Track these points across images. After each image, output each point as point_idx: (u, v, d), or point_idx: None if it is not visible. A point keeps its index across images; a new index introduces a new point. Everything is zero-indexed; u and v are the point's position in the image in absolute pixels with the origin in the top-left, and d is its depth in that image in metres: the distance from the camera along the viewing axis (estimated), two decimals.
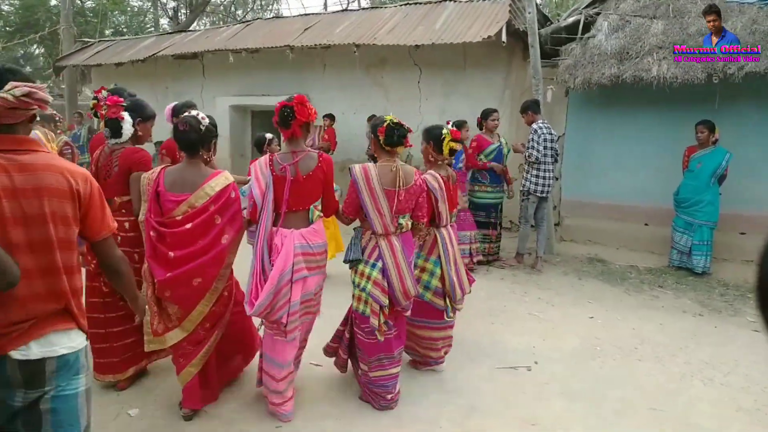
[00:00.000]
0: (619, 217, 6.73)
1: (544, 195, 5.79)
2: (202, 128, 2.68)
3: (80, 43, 12.69)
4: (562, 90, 6.69)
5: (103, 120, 3.52)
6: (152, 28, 20.64)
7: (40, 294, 1.63)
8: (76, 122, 9.74)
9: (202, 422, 2.89)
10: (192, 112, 2.76)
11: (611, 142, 6.73)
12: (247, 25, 9.97)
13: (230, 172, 2.88)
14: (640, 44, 6.07)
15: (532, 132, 5.66)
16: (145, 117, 3.17)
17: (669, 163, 6.21)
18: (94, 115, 3.57)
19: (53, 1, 17.72)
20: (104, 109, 3.04)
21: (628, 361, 3.80)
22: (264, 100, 9.09)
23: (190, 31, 12.32)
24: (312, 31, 8.45)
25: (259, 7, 21.67)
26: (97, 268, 2.91)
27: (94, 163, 3.14)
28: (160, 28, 20.48)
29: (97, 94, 3.48)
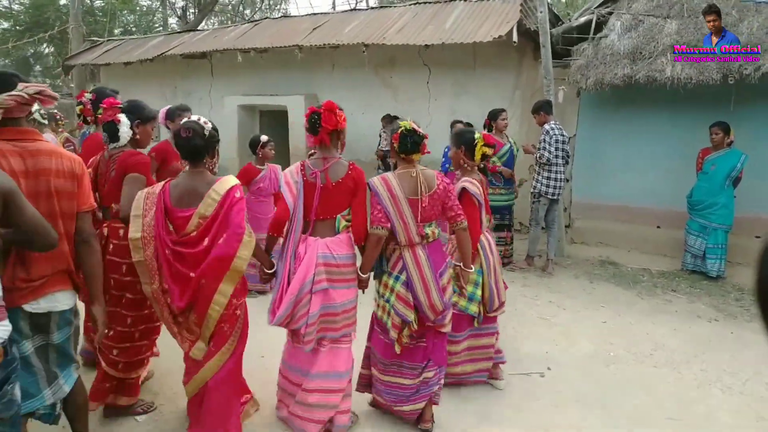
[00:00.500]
0: (630, 220, 6.63)
1: (556, 197, 5.71)
2: (206, 133, 2.53)
3: (89, 42, 12.72)
4: (573, 90, 6.61)
5: (92, 123, 3.44)
6: (161, 28, 20.70)
7: (49, 256, 2.02)
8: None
9: None
10: (193, 117, 2.61)
11: (623, 144, 6.64)
12: (256, 25, 9.94)
13: (238, 173, 2.80)
14: (654, 44, 5.97)
15: (544, 133, 5.58)
16: (144, 119, 2.95)
17: (682, 164, 6.11)
18: (83, 121, 3.42)
19: (63, 1, 17.79)
20: (99, 112, 2.90)
21: (643, 367, 3.73)
22: (272, 100, 9.05)
23: (198, 30, 12.32)
24: (321, 31, 8.40)
25: (267, 6, 21.64)
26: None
27: (93, 170, 2.91)
28: (169, 28, 20.54)
29: (80, 98, 3.38)
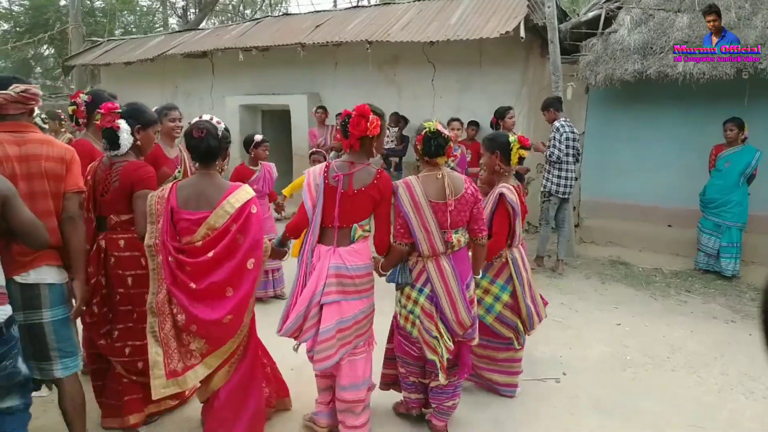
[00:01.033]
0: (641, 218, 6.50)
1: (566, 196, 5.59)
2: (220, 133, 2.42)
3: (89, 42, 12.64)
4: (582, 87, 6.48)
5: (82, 127, 3.30)
6: (161, 28, 20.60)
7: None
8: None
9: None
10: (204, 116, 2.48)
11: (633, 141, 6.51)
12: (258, 23, 9.82)
13: (230, 175, 2.67)
14: (665, 39, 5.83)
15: (554, 130, 5.47)
16: (145, 123, 2.78)
17: (693, 162, 5.98)
18: (75, 123, 3.28)
19: (63, 2, 17.69)
20: (97, 118, 2.75)
21: (661, 371, 3.62)
22: (274, 99, 8.94)
23: (199, 29, 12.21)
24: (323, 29, 8.28)
25: (268, 5, 21.50)
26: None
27: (90, 176, 2.72)
28: (169, 27, 20.43)
29: (74, 99, 3.23)
